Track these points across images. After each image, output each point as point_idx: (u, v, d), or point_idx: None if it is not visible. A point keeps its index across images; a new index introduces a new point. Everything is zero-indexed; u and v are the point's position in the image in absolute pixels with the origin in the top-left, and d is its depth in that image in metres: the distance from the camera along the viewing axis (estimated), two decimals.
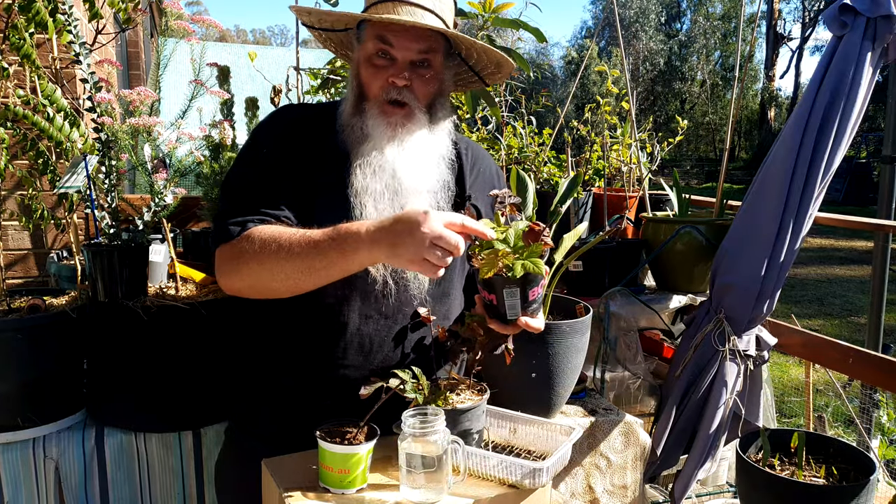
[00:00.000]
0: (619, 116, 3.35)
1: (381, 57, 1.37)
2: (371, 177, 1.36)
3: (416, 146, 1.40)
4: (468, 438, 1.27)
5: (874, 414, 3.05)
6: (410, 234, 1.14)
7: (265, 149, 1.44)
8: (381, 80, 1.37)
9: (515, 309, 1.27)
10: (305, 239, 1.26)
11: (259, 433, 1.48)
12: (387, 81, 1.36)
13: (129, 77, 4.88)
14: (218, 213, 1.44)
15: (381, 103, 1.38)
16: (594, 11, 31.65)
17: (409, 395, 1.24)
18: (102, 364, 1.86)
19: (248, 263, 1.30)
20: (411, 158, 1.39)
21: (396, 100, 1.37)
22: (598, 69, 3.88)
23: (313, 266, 1.25)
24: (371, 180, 1.36)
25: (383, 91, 1.37)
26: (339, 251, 1.22)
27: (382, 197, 1.37)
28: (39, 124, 1.81)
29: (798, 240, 2.09)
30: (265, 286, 1.33)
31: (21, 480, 1.74)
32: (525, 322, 1.29)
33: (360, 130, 1.38)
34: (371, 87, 1.38)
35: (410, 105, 1.38)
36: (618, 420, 2.12)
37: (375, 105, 1.38)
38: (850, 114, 2.02)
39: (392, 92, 1.37)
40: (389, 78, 1.36)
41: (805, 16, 28.05)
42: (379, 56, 1.37)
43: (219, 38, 11.39)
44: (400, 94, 1.37)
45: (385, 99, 1.37)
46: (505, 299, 1.26)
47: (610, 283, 2.55)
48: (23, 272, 2.45)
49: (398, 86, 1.36)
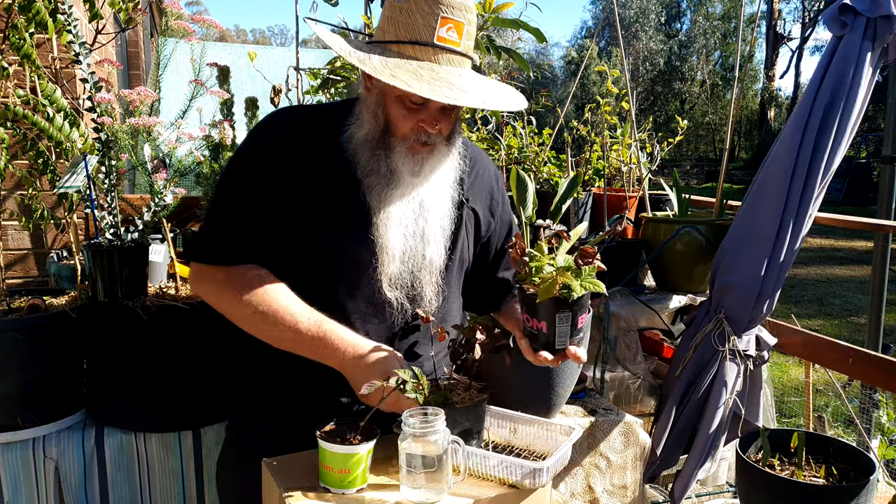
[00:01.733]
0: (619, 116, 3.35)
1: (414, 102, 1.33)
2: (403, 209, 1.39)
3: (439, 174, 1.42)
4: (468, 438, 1.26)
5: (874, 414, 3.05)
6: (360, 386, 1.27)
7: (258, 166, 1.40)
8: (413, 122, 1.35)
9: (565, 337, 1.24)
10: (289, 325, 1.34)
11: (259, 433, 1.48)
12: (417, 125, 1.35)
13: (129, 77, 4.88)
14: (203, 226, 1.44)
15: (411, 143, 1.37)
16: (594, 11, 31.67)
17: (409, 394, 1.24)
18: (102, 364, 1.86)
19: (229, 312, 1.40)
20: (434, 185, 1.42)
21: (425, 142, 1.37)
22: (598, 69, 3.88)
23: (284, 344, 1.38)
24: (403, 212, 1.39)
25: (413, 133, 1.36)
26: (314, 354, 1.35)
27: (408, 223, 1.40)
28: (39, 124, 1.81)
29: (798, 240, 2.09)
30: (234, 321, 1.41)
31: (21, 480, 1.74)
32: (573, 353, 1.28)
33: (386, 165, 1.37)
34: (400, 127, 1.35)
35: (436, 143, 1.39)
36: (618, 420, 2.12)
37: (404, 145, 1.36)
38: (850, 114, 2.02)
39: (422, 136, 1.36)
40: (421, 123, 1.34)
41: (805, 16, 28.06)
42: (412, 101, 1.33)
43: (219, 38, 11.39)
44: (429, 137, 1.37)
45: (415, 140, 1.36)
46: (556, 325, 1.22)
47: (610, 283, 2.55)
48: (23, 272, 2.45)
49: (429, 132, 1.35)
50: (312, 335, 1.32)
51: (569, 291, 1.20)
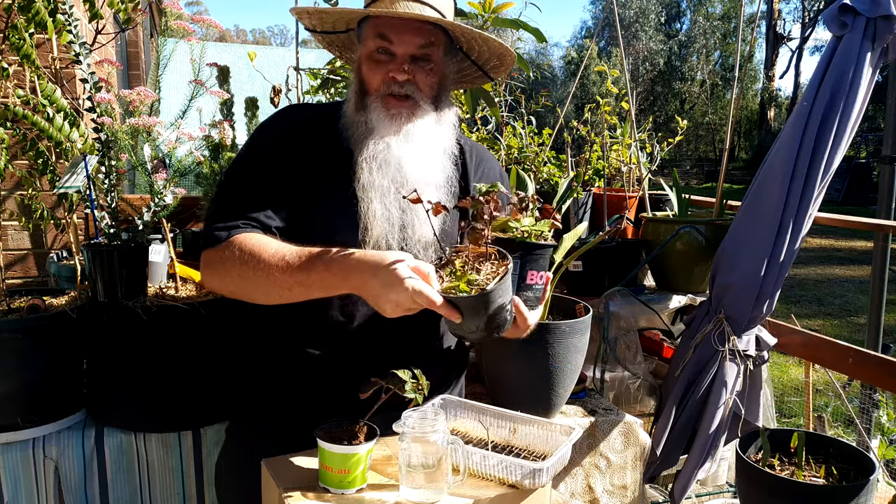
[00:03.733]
0: (619, 116, 3.35)
1: (382, 53, 1.38)
2: (377, 171, 1.36)
3: (422, 138, 1.39)
4: (502, 313, 1.19)
5: (874, 414, 3.05)
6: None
7: (263, 151, 1.44)
8: (382, 74, 1.37)
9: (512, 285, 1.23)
10: (284, 262, 1.26)
11: (259, 433, 1.48)
12: (387, 75, 1.37)
13: (129, 77, 4.88)
14: (208, 215, 1.44)
15: (383, 96, 1.38)
16: (594, 11, 31.68)
17: (409, 395, 1.24)
18: (102, 364, 1.86)
19: (231, 275, 1.32)
20: (417, 151, 1.38)
21: (399, 93, 1.37)
22: (598, 69, 3.88)
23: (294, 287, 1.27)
24: (377, 175, 1.36)
25: (384, 84, 1.38)
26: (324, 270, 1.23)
27: (388, 192, 1.36)
28: (39, 124, 1.81)
29: (798, 240, 2.09)
30: (247, 297, 1.36)
31: (21, 480, 1.74)
32: (517, 303, 1.26)
33: (364, 125, 1.38)
34: (372, 82, 1.38)
35: (415, 97, 1.39)
36: (618, 420, 2.12)
37: (377, 99, 1.38)
38: (849, 114, 2.02)
39: (394, 86, 1.37)
40: (390, 73, 1.37)
41: (805, 16, 28.07)
42: (379, 52, 1.38)
43: (219, 38, 11.39)
44: (402, 87, 1.37)
45: (386, 92, 1.37)
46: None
47: (610, 283, 2.55)
48: (23, 272, 2.45)
49: (399, 80, 1.37)
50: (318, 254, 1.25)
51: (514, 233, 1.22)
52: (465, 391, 1.71)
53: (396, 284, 1.14)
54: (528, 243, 1.26)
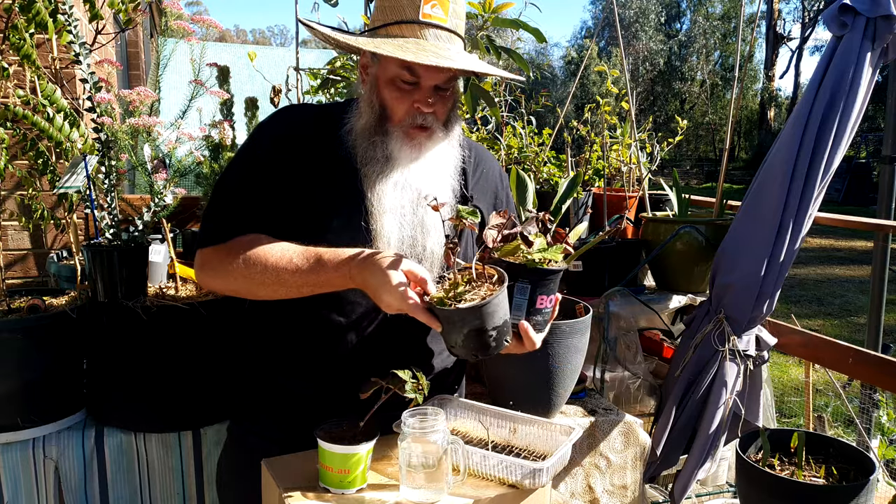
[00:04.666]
0: (619, 116, 3.35)
1: (406, 83, 1.35)
2: (399, 196, 1.37)
3: (437, 161, 1.41)
4: (483, 336, 1.18)
5: (874, 414, 3.05)
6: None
7: (262, 150, 1.43)
8: (407, 104, 1.36)
9: (519, 311, 1.24)
10: (293, 265, 1.30)
11: (259, 433, 1.48)
12: (412, 107, 1.36)
13: (129, 77, 4.88)
14: (206, 213, 1.44)
15: (407, 128, 1.37)
16: (594, 11, 31.69)
17: (409, 395, 1.24)
18: (102, 364, 1.86)
19: (234, 275, 1.34)
20: (433, 173, 1.41)
21: (422, 124, 1.37)
22: (598, 69, 3.88)
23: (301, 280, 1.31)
24: (399, 199, 1.37)
25: (409, 116, 1.36)
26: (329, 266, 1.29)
27: (405, 212, 1.38)
28: (39, 124, 1.81)
29: (798, 240, 2.09)
30: (249, 295, 1.38)
31: (21, 480, 1.74)
32: (525, 328, 1.27)
33: (382, 151, 1.37)
34: (395, 111, 1.37)
35: (433, 127, 1.39)
36: (618, 420, 2.12)
37: (400, 129, 1.37)
38: (849, 114, 2.02)
39: (418, 118, 1.37)
40: (415, 104, 1.35)
41: (805, 16, 28.06)
42: (403, 81, 1.35)
43: (219, 38, 11.38)
44: (425, 119, 1.37)
45: (410, 124, 1.37)
46: (514, 293, 1.23)
47: (610, 283, 2.55)
48: (22, 272, 2.45)
49: (424, 112, 1.36)
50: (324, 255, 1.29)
51: (526, 257, 1.23)
52: (465, 391, 1.71)
53: (387, 286, 1.21)
54: (538, 269, 1.25)
